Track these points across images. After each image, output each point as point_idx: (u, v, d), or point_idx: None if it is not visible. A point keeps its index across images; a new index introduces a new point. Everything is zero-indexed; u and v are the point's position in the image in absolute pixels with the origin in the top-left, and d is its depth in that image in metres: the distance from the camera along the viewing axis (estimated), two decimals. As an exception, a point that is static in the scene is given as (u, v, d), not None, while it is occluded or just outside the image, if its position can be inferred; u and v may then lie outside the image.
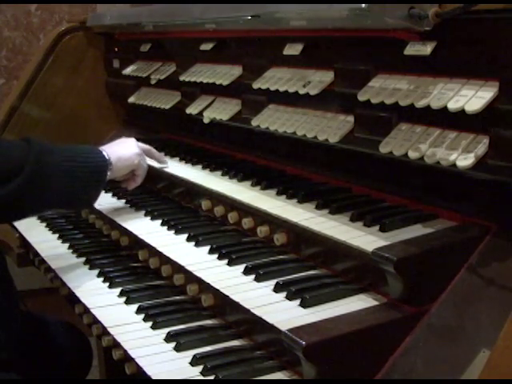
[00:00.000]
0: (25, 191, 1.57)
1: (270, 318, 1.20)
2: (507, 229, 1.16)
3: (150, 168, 1.97)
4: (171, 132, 2.39)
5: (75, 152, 1.70)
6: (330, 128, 1.49)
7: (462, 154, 1.16)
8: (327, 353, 1.10)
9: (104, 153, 1.77)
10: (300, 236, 1.45)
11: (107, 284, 1.67)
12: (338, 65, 1.50)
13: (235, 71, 1.87)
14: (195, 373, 1.24)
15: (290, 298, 1.28)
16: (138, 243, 1.77)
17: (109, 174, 1.75)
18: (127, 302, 1.56)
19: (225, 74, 1.90)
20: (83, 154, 1.71)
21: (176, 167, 1.99)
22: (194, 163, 1.99)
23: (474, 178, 1.18)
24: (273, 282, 1.35)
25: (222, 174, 1.83)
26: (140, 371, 1.29)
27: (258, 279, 1.38)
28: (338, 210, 1.41)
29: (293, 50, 1.63)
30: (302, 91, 1.55)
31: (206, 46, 2.00)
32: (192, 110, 2.03)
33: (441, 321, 1.11)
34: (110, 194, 2.10)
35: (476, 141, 1.17)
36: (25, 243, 2.20)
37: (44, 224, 2.21)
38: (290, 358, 1.20)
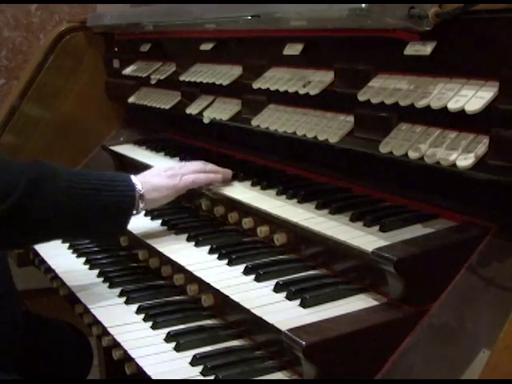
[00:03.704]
0: (7, 223, 1.42)
1: (269, 318, 1.20)
2: (507, 229, 1.16)
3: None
4: (171, 132, 2.39)
5: (93, 180, 1.52)
6: (330, 128, 1.49)
7: (462, 154, 1.16)
8: (327, 353, 1.10)
9: (135, 182, 1.57)
10: (300, 236, 1.45)
11: (107, 284, 1.67)
12: (338, 65, 1.50)
13: (235, 71, 1.87)
14: (195, 373, 1.24)
15: (290, 297, 1.28)
16: (137, 243, 1.77)
17: (141, 206, 1.58)
18: (127, 302, 1.56)
19: (225, 73, 1.90)
20: (102, 183, 1.52)
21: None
22: (194, 163, 1.98)
23: (474, 177, 1.18)
24: (273, 282, 1.35)
25: (222, 174, 1.83)
26: (140, 371, 1.29)
27: (258, 279, 1.38)
28: (338, 210, 1.41)
29: (293, 50, 1.63)
30: (302, 91, 1.55)
31: (206, 46, 2.00)
32: (192, 110, 2.03)
33: (441, 321, 1.11)
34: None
35: (476, 141, 1.17)
36: (25, 243, 2.20)
37: (44, 224, 2.21)
38: (290, 358, 1.20)
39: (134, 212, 1.58)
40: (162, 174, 1.68)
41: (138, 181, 1.59)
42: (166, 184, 1.65)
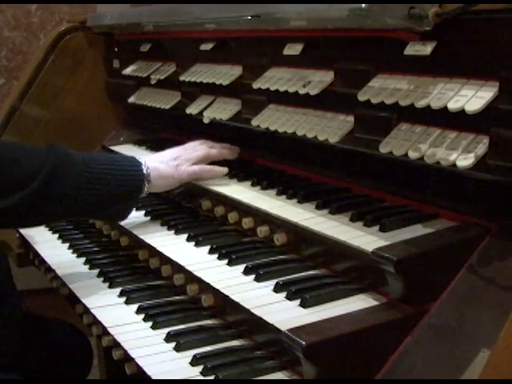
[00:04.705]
0: (33, 203, 1.54)
1: (270, 318, 1.20)
2: (507, 229, 1.16)
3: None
4: (171, 132, 2.39)
5: (105, 163, 1.63)
6: (330, 128, 1.49)
7: (462, 154, 1.16)
8: (327, 353, 1.10)
9: (143, 166, 1.67)
10: (300, 236, 1.45)
11: (107, 284, 1.67)
12: (338, 65, 1.50)
13: (235, 71, 1.87)
14: (195, 373, 1.24)
15: (290, 297, 1.28)
16: (137, 243, 1.77)
17: (146, 189, 1.69)
18: (127, 302, 1.56)
19: (225, 74, 1.90)
20: (114, 167, 1.63)
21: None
22: (194, 163, 1.98)
23: (474, 177, 1.18)
24: (273, 282, 1.35)
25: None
26: (140, 371, 1.29)
27: (258, 279, 1.38)
28: (338, 210, 1.41)
29: (293, 50, 1.63)
30: (302, 91, 1.55)
31: (206, 46, 2.00)
32: (192, 110, 2.03)
33: (441, 321, 1.11)
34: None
35: (476, 141, 1.17)
36: (25, 243, 2.20)
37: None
38: (290, 357, 1.20)
39: (145, 189, 1.69)
40: (169, 163, 1.77)
41: (147, 165, 1.69)
42: (172, 174, 1.75)
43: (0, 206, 1.52)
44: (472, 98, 1.15)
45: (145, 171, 1.67)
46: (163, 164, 1.75)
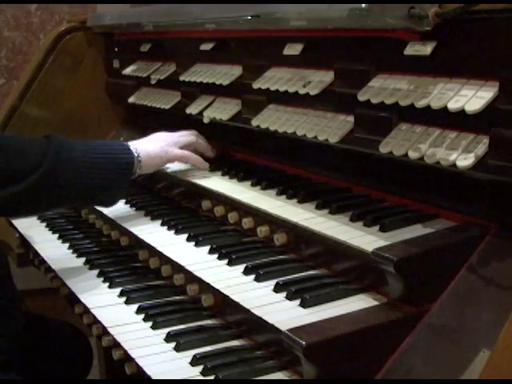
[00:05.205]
0: (40, 189, 1.60)
1: (269, 318, 1.20)
2: (507, 229, 1.16)
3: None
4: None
5: (98, 148, 1.70)
6: (330, 128, 1.49)
7: (462, 154, 1.16)
8: (327, 353, 1.10)
9: (132, 148, 1.76)
10: (300, 236, 1.45)
11: (107, 284, 1.67)
12: (338, 65, 1.50)
13: (235, 71, 1.87)
14: (195, 373, 1.24)
15: (290, 297, 1.28)
16: (138, 243, 1.77)
17: (138, 171, 1.76)
18: (127, 302, 1.56)
19: (225, 74, 1.90)
20: (107, 151, 1.71)
21: (176, 167, 1.99)
22: (194, 163, 1.98)
23: (474, 177, 1.18)
24: (273, 282, 1.35)
25: (222, 174, 1.83)
26: (140, 371, 1.29)
27: (258, 279, 1.38)
28: (338, 210, 1.41)
29: (293, 50, 1.64)
30: (302, 91, 1.55)
31: (206, 46, 2.00)
32: (192, 110, 2.03)
33: (441, 321, 1.11)
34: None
35: (476, 141, 1.17)
36: (25, 243, 2.20)
37: (44, 224, 2.21)
38: (290, 357, 1.20)
39: (137, 171, 1.77)
40: (157, 144, 1.86)
41: (135, 147, 1.77)
42: (160, 153, 1.84)
43: (6, 195, 1.58)
44: (472, 97, 1.15)
45: (135, 153, 1.75)
46: (152, 145, 1.83)
